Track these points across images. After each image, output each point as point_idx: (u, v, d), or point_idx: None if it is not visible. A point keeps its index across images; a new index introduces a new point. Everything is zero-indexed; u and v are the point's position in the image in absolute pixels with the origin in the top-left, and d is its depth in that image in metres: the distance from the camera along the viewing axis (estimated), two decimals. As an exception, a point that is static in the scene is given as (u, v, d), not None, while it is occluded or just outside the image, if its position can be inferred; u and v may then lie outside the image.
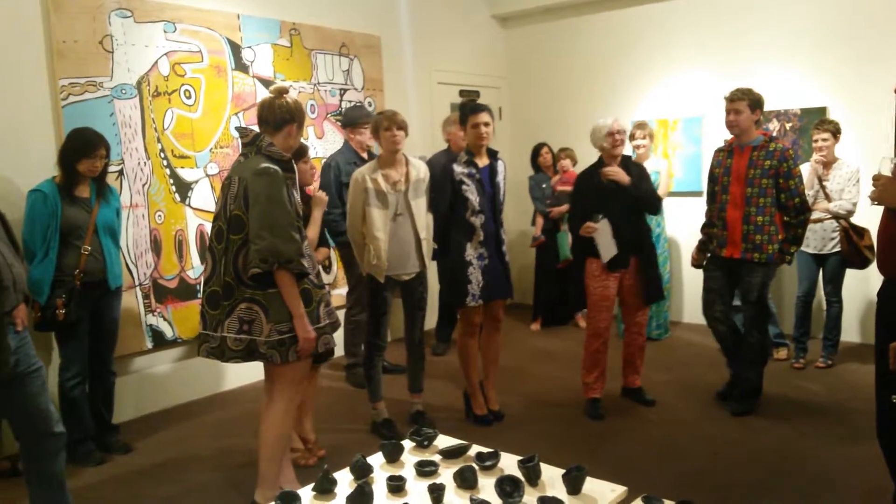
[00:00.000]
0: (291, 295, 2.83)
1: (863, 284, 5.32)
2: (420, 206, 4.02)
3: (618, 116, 4.58)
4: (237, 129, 3.14)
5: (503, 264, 4.19)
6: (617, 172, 4.16)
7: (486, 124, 4.02)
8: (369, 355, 4.11)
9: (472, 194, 4.03)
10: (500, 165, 4.19)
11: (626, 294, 4.38)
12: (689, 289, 6.49)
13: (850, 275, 5.04)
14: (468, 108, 4.13)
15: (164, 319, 4.62)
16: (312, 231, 3.69)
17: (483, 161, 4.11)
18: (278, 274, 2.79)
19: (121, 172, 4.38)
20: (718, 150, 4.39)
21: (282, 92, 2.96)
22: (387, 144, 3.90)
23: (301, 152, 3.70)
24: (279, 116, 2.92)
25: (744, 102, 4.08)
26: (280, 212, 2.79)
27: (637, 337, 4.49)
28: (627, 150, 4.81)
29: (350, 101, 5.73)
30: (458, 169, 4.04)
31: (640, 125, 5.86)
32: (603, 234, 4.18)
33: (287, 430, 3.07)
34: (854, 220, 4.81)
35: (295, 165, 3.04)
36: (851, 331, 5.59)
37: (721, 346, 4.50)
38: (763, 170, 4.05)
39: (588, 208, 4.25)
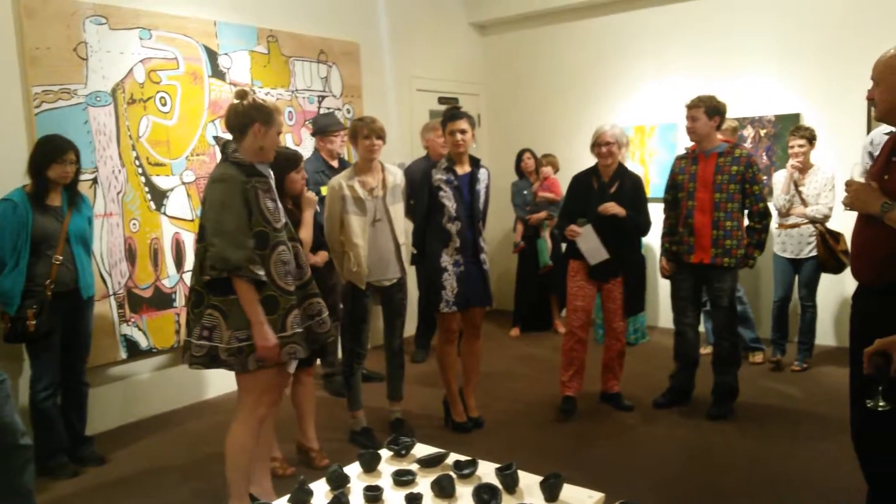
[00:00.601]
0: (248, 302, 2.78)
1: (838, 288, 5.39)
2: (398, 211, 4.02)
3: (590, 123, 4.59)
4: (214, 138, 3.12)
5: (481, 272, 4.18)
6: (609, 209, 4.17)
7: (463, 131, 4.01)
8: (349, 363, 4.08)
9: (449, 201, 4.02)
10: (482, 173, 4.17)
11: (605, 300, 4.43)
12: (665, 294, 6.51)
13: (826, 279, 5.10)
14: (446, 115, 4.13)
15: (139, 329, 4.56)
16: (304, 233, 3.66)
17: (464, 168, 4.11)
18: (234, 282, 2.76)
19: (95, 180, 4.33)
20: (680, 158, 4.46)
21: (241, 96, 2.90)
22: (364, 152, 3.89)
23: (295, 161, 3.68)
24: (240, 120, 2.87)
25: (700, 110, 4.17)
26: (230, 218, 2.76)
27: (615, 343, 4.51)
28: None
29: (328, 108, 5.72)
30: (436, 175, 4.04)
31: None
32: (586, 239, 4.21)
33: (249, 439, 3.00)
34: (830, 225, 4.86)
35: (269, 171, 3.00)
36: (826, 334, 5.65)
37: (680, 353, 4.55)
38: (730, 175, 4.13)
39: (576, 212, 4.29)
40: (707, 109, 4.15)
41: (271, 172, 3.02)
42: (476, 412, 4.36)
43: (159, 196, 4.67)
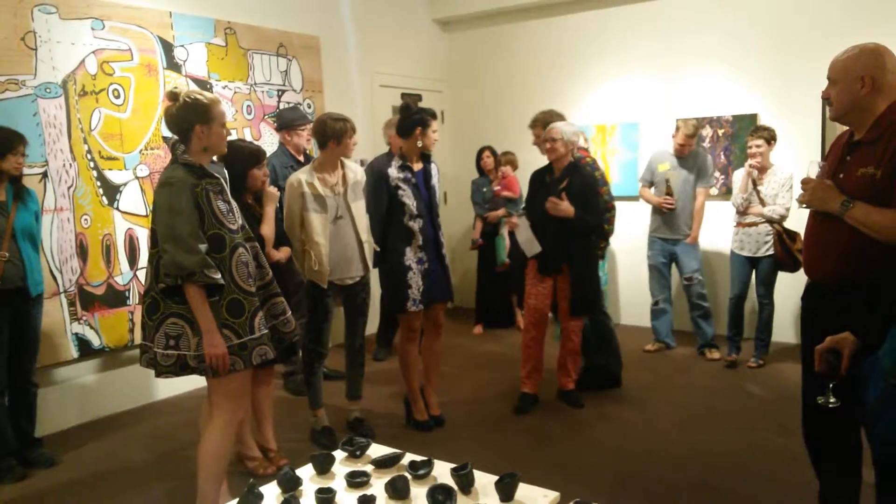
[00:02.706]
0: (199, 309, 2.70)
1: (795, 285, 5.46)
2: (360, 208, 3.96)
3: (570, 122, 4.62)
4: (164, 139, 3.02)
5: (443, 267, 4.18)
6: (557, 207, 4.19)
7: (434, 131, 4.02)
8: (309, 362, 4.03)
9: (409, 199, 3.98)
10: (433, 168, 4.15)
11: (559, 299, 4.45)
12: (625, 291, 6.58)
13: (784, 277, 5.18)
14: (427, 113, 4.00)
15: (91, 327, 4.45)
16: (266, 229, 3.60)
17: (417, 165, 4.08)
18: (185, 287, 2.68)
19: (45, 174, 4.20)
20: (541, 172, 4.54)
21: (172, 98, 2.78)
22: (343, 151, 3.88)
23: (258, 157, 3.61)
24: (179, 123, 2.77)
25: (539, 129, 4.61)
26: (180, 222, 2.67)
27: (567, 341, 4.54)
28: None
29: (289, 103, 5.63)
30: (393, 174, 3.98)
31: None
32: (522, 231, 4.31)
33: (226, 446, 2.93)
34: (787, 224, 4.94)
35: (222, 171, 2.94)
36: (784, 332, 5.75)
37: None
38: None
39: (534, 208, 4.32)
40: (544, 127, 4.46)
41: (225, 172, 2.95)
42: (437, 410, 4.34)
43: (112, 191, 4.55)
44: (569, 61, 6.70)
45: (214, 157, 3.11)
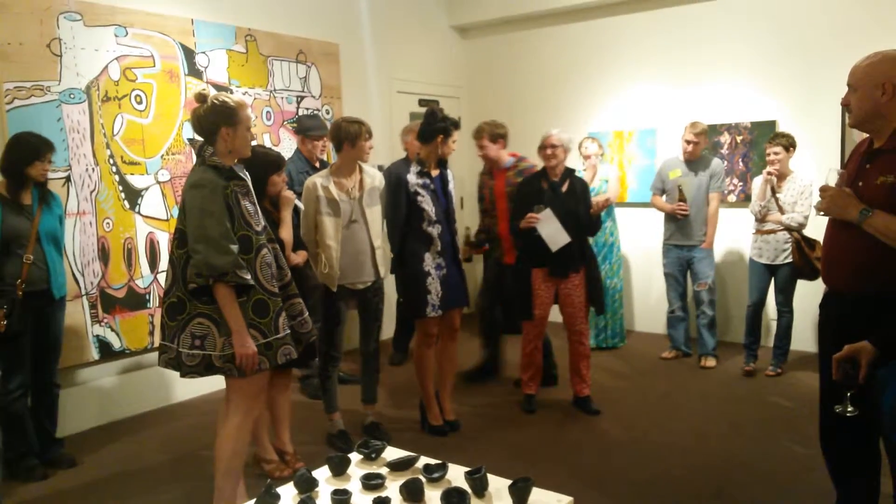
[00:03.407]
0: (229, 309, 2.75)
1: (816, 294, 5.41)
2: (375, 214, 3.98)
3: (569, 128, 4.73)
4: (189, 140, 3.07)
5: (460, 273, 4.19)
6: (529, 221, 4.26)
7: (454, 140, 4.09)
8: (324, 366, 4.06)
9: (428, 205, 4.01)
10: (448, 174, 4.19)
11: (564, 304, 4.47)
12: (641, 298, 6.56)
13: (804, 285, 5.14)
14: (451, 122, 4.04)
15: (112, 330, 4.51)
16: (285, 232, 3.65)
17: (434, 171, 4.11)
18: (215, 288, 2.73)
19: (68, 179, 4.27)
20: (482, 174, 5.01)
21: (200, 99, 2.84)
22: (359, 154, 3.90)
23: (277, 165, 3.68)
24: (206, 125, 2.82)
25: (483, 139, 4.77)
26: (212, 223, 2.72)
27: (579, 346, 4.55)
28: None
29: (307, 109, 5.69)
30: (412, 180, 4.01)
31: (589, 138, 5.95)
32: (547, 224, 4.26)
33: (242, 444, 2.98)
34: (806, 232, 4.90)
35: (245, 173, 2.97)
36: (803, 341, 5.70)
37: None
38: (514, 186, 4.60)
39: (525, 215, 4.32)
40: (489, 136, 4.74)
41: (248, 174, 2.99)
42: (452, 415, 4.35)
43: (133, 195, 4.61)
44: (586, 68, 6.70)
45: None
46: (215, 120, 2.80)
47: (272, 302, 2.90)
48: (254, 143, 3.08)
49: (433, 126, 4.00)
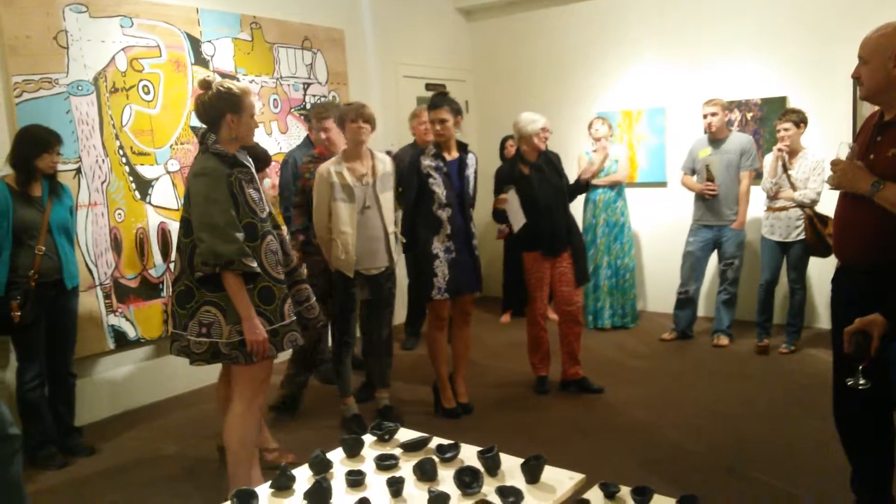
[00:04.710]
0: (238, 296, 2.76)
1: (829, 271, 5.37)
2: (388, 199, 3.98)
3: (577, 108, 4.70)
4: (192, 128, 3.08)
5: (472, 258, 4.19)
6: (499, 202, 4.28)
7: (443, 121, 4.00)
8: (338, 351, 4.08)
9: (439, 187, 4.01)
10: (470, 158, 4.17)
11: (557, 283, 4.48)
12: (653, 278, 6.55)
13: (816, 262, 5.11)
14: (429, 103, 4.12)
15: (127, 319, 4.55)
16: None
17: (452, 154, 4.10)
18: (223, 276, 2.73)
19: (78, 170, 4.30)
20: (306, 162, 4.41)
21: (205, 86, 2.84)
22: (352, 136, 3.84)
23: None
24: (211, 112, 2.82)
25: (328, 121, 4.18)
26: (217, 211, 2.72)
27: (574, 325, 4.56)
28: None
29: (314, 96, 5.69)
30: (425, 162, 4.02)
31: (598, 117, 5.91)
32: (512, 203, 4.27)
33: (249, 430, 2.99)
34: (819, 208, 4.86)
35: (249, 160, 2.98)
36: (816, 318, 5.68)
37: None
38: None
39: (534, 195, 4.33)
40: (338, 119, 4.03)
41: (251, 161, 2.99)
42: (465, 398, 4.37)
43: (144, 185, 4.64)
44: (593, 47, 6.65)
45: None
46: (220, 106, 2.81)
47: (277, 289, 2.90)
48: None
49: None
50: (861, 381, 2.31)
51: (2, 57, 3.96)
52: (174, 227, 4.76)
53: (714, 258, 5.51)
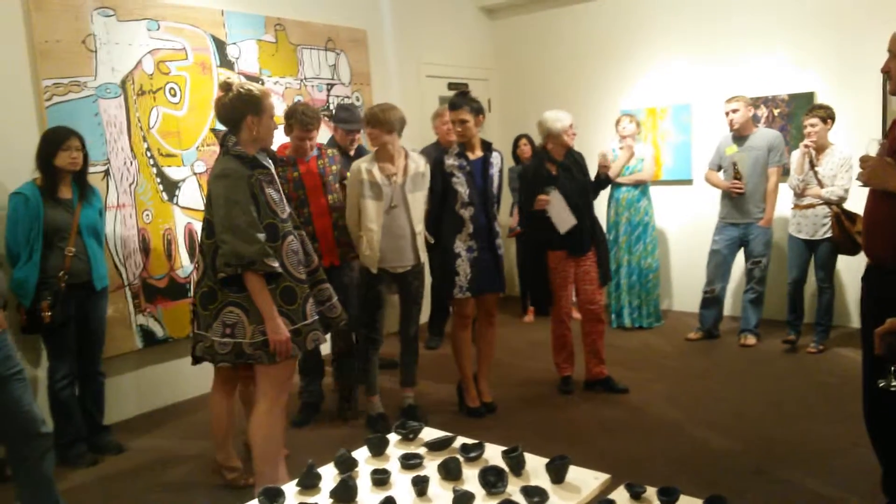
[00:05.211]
0: (261, 297, 2.79)
1: (859, 269, 5.29)
2: (418, 199, 4.00)
3: (601, 106, 4.67)
4: (212, 131, 3.11)
5: (495, 258, 4.19)
6: (540, 203, 4.25)
7: (463, 121, 4.01)
8: (364, 349, 4.12)
9: (462, 186, 4.03)
10: (495, 158, 4.18)
11: (580, 281, 4.46)
12: (679, 277, 6.49)
13: (845, 260, 5.04)
14: (450, 103, 4.15)
15: (155, 319, 4.61)
16: None
17: (476, 153, 4.12)
18: (245, 276, 2.76)
19: (107, 172, 4.36)
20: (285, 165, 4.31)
21: (226, 88, 2.87)
22: (369, 140, 3.96)
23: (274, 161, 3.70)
24: (232, 114, 2.85)
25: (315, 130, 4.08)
26: (238, 213, 2.75)
27: (597, 324, 4.55)
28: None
29: (338, 97, 5.72)
30: (448, 161, 4.06)
31: (627, 115, 5.87)
32: (556, 205, 4.24)
33: (274, 428, 3.02)
34: (847, 205, 4.78)
35: (270, 161, 2.99)
36: (846, 316, 5.59)
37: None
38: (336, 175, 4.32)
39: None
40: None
41: (272, 163, 3.01)
42: (489, 397, 4.37)
43: (171, 187, 4.70)
44: (617, 44, 6.60)
45: None
46: (241, 108, 2.83)
47: (299, 289, 2.93)
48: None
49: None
50: (893, 383, 2.27)
51: (32, 61, 4.03)
52: (200, 228, 4.81)
53: (741, 256, 5.44)
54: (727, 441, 3.75)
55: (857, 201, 4.60)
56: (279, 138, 4.77)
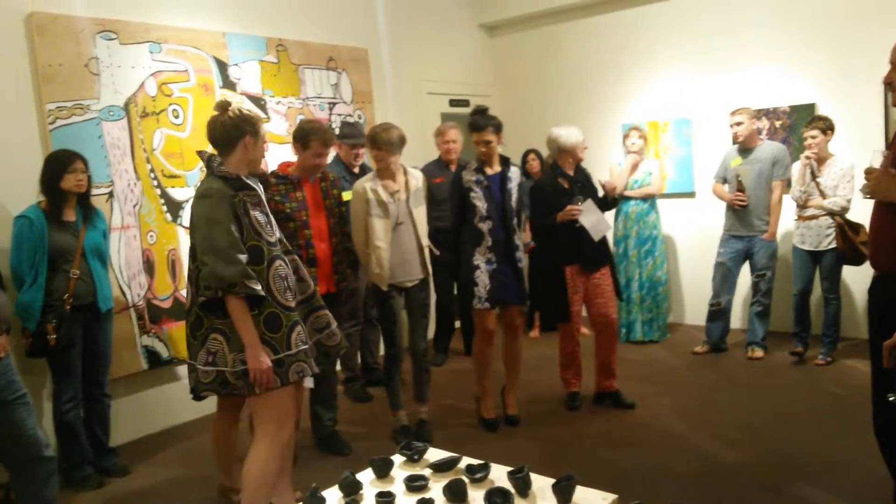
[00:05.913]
0: (241, 322, 2.63)
1: (865, 279, 5.28)
2: (420, 214, 4.09)
3: (604, 120, 4.70)
4: (198, 153, 3.03)
5: (515, 271, 4.22)
6: (572, 214, 4.24)
7: (487, 142, 4.13)
8: (388, 366, 4.16)
9: (480, 201, 4.11)
10: (513, 172, 4.25)
11: (594, 295, 4.45)
12: (686, 290, 6.47)
13: (852, 271, 5.01)
14: (470, 124, 4.23)
15: (160, 340, 4.60)
16: None
17: (494, 169, 4.20)
18: (226, 300, 2.62)
19: (111, 194, 4.37)
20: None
21: (224, 107, 2.80)
22: (380, 162, 3.99)
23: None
24: (230, 133, 2.76)
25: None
26: (219, 233, 2.62)
27: (611, 338, 4.54)
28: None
29: (340, 115, 5.74)
30: (466, 177, 4.15)
31: (635, 128, 5.88)
32: (589, 214, 4.27)
33: (271, 468, 2.75)
34: (850, 216, 4.77)
35: (258, 184, 2.87)
36: (853, 327, 5.55)
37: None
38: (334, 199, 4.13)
39: (556, 212, 4.30)
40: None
41: (261, 186, 2.92)
42: (514, 410, 4.41)
43: (175, 208, 4.71)
44: (617, 59, 6.63)
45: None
46: (242, 127, 2.76)
47: (285, 316, 2.74)
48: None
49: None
50: (902, 396, 2.25)
51: (36, 85, 4.05)
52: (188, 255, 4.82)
53: (747, 269, 5.42)
54: (735, 455, 3.72)
55: (859, 211, 4.61)
56: (282, 156, 4.82)
